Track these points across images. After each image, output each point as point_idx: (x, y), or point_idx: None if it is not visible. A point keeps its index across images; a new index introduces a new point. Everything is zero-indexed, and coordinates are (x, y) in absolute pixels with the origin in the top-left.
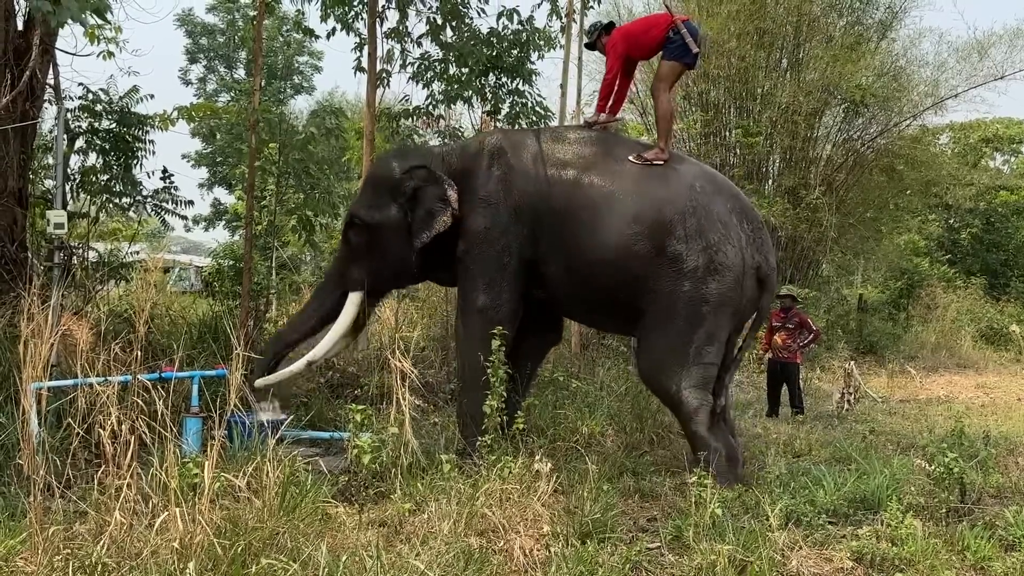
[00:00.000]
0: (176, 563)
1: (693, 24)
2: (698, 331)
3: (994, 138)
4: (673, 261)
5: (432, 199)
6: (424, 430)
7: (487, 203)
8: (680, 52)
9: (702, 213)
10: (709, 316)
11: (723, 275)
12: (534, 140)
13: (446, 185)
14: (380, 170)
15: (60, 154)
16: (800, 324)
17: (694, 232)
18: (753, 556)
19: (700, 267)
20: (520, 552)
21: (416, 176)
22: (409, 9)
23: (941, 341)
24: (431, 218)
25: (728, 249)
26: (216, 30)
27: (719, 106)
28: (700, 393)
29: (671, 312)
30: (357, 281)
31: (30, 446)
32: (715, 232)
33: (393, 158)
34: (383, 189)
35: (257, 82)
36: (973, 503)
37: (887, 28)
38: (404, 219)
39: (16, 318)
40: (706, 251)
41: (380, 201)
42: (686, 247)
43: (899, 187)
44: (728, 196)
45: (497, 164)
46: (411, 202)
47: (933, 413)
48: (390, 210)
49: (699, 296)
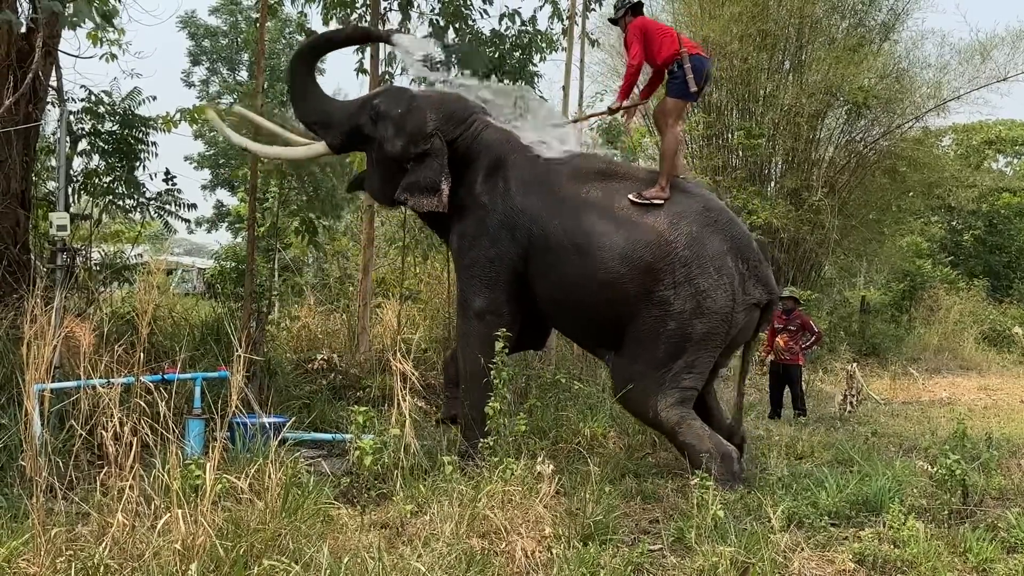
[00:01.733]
0: (178, 565)
1: (700, 59)
2: (677, 362)
3: (997, 140)
4: (660, 305)
5: (428, 176)
6: (426, 432)
7: (483, 210)
8: (681, 90)
9: (694, 262)
10: (691, 350)
11: (710, 318)
12: (540, 159)
13: (442, 179)
14: (419, 110)
15: (63, 156)
16: (802, 326)
17: (683, 280)
18: (755, 558)
19: (687, 311)
20: (522, 554)
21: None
22: (411, 10)
23: (944, 343)
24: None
25: (718, 295)
26: (219, 32)
27: (721, 108)
28: (677, 409)
29: (652, 344)
30: (334, 143)
31: (33, 448)
32: (707, 279)
33: (433, 108)
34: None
35: (260, 84)
36: (975, 505)
37: (889, 30)
38: (403, 163)
39: (19, 320)
40: (695, 297)
41: (398, 130)
42: (674, 293)
43: (901, 189)
44: (725, 236)
45: (501, 174)
46: (417, 159)
47: (935, 415)
48: (397, 144)
49: (683, 334)
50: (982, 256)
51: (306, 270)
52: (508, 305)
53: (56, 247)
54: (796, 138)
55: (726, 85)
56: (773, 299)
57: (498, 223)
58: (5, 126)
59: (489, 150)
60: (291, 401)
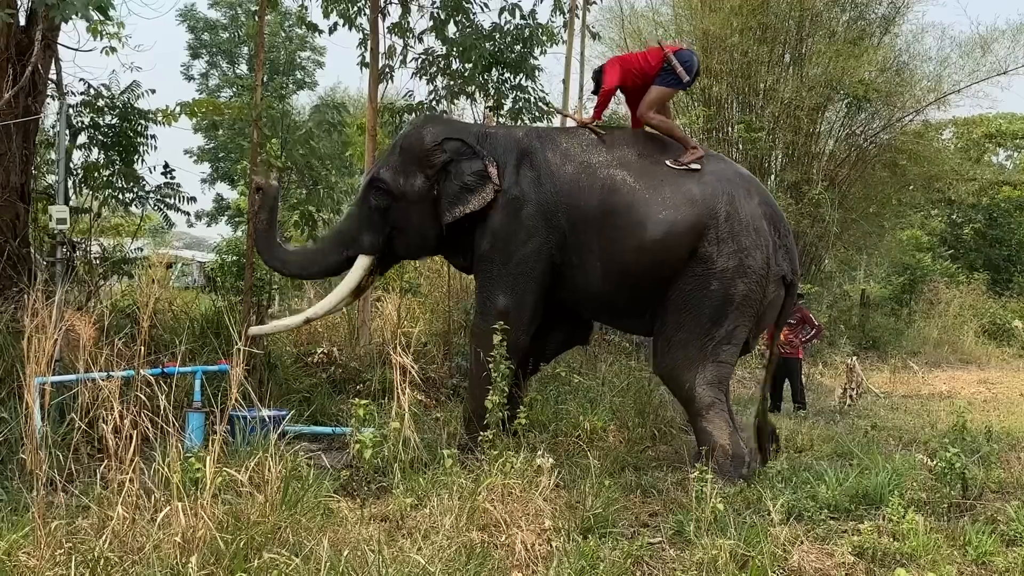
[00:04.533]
0: (178, 557)
1: (686, 53)
2: (719, 329)
3: (997, 133)
4: (703, 262)
5: (466, 173)
6: (426, 425)
7: (516, 203)
8: (672, 81)
9: (735, 218)
10: (731, 315)
11: (750, 278)
12: (567, 140)
13: (485, 160)
14: (411, 138)
15: (62, 149)
16: (802, 319)
17: (726, 235)
18: (754, 551)
19: (730, 269)
20: (522, 547)
21: (448, 148)
22: (411, 4)
23: (944, 337)
24: (467, 193)
25: (757, 255)
26: (218, 26)
27: (722, 101)
28: (713, 391)
29: (696, 309)
30: (369, 246)
31: (33, 441)
32: (747, 237)
33: (425, 127)
34: (412, 157)
35: (259, 77)
36: (975, 498)
37: (890, 23)
38: (431, 192)
39: (18, 313)
40: (737, 254)
41: (408, 169)
42: (717, 250)
43: (902, 182)
44: (760, 201)
45: (529, 164)
46: (441, 175)
47: (935, 409)
48: (417, 180)
49: (725, 295)
50: (982, 250)
51: None
52: (532, 305)
53: (56, 240)
54: (796, 131)
55: (726, 78)
56: (796, 279)
57: (534, 213)
58: (4, 119)
59: (509, 146)
60: (291, 394)
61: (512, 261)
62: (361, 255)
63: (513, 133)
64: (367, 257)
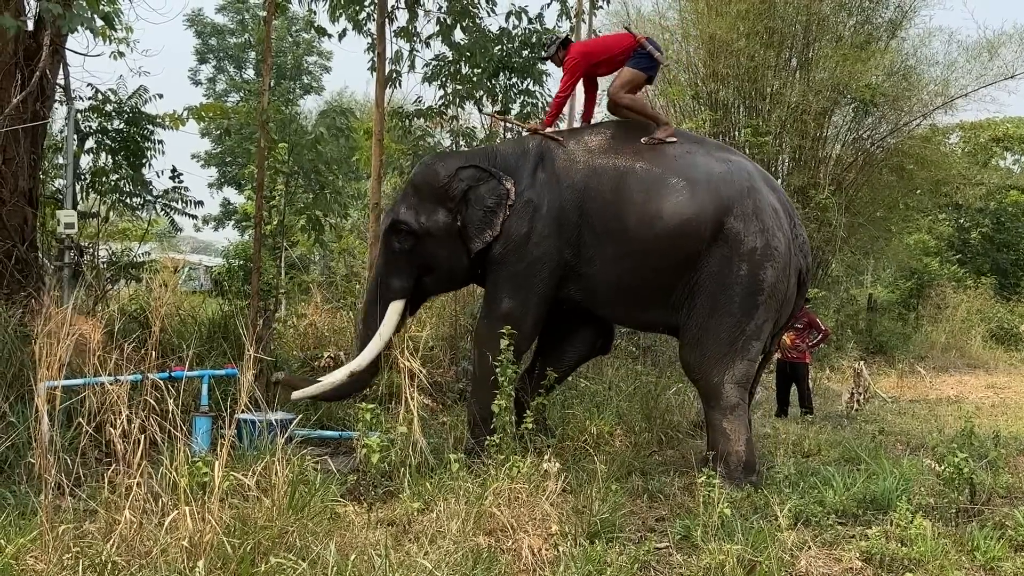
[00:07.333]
0: (185, 562)
1: (655, 40)
2: (751, 322)
3: (1004, 137)
4: (731, 241)
5: (487, 197)
6: (433, 429)
7: (530, 207)
8: (645, 63)
9: (756, 195)
10: (762, 306)
11: (776, 261)
12: (575, 135)
13: (502, 179)
14: (425, 175)
15: (70, 154)
16: (809, 324)
17: (751, 212)
18: (762, 556)
19: (758, 249)
20: (528, 551)
21: (464, 177)
22: (419, 8)
23: (951, 341)
24: (492, 216)
25: (780, 237)
26: (226, 30)
27: (728, 106)
28: (740, 391)
29: (727, 298)
30: (400, 290)
31: (41, 445)
32: (768, 217)
33: (436, 162)
34: (429, 194)
35: (266, 82)
36: (983, 503)
37: (897, 27)
38: (454, 224)
39: (27, 318)
40: (763, 233)
41: (427, 207)
42: (744, 226)
43: (909, 187)
44: (772, 188)
45: (542, 166)
46: (462, 205)
47: (943, 413)
48: (439, 215)
49: (756, 282)
50: (990, 254)
51: (313, 268)
52: (535, 309)
53: (64, 245)
54: (803, 136)
55: (733, 83)
56: (807, 278)
57: (547, 215)
58: (12, 124)
59: (522, 156)
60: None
61: (524, 263)
62: (394, 301)
63: (522, 144)
64: (399, 301)
